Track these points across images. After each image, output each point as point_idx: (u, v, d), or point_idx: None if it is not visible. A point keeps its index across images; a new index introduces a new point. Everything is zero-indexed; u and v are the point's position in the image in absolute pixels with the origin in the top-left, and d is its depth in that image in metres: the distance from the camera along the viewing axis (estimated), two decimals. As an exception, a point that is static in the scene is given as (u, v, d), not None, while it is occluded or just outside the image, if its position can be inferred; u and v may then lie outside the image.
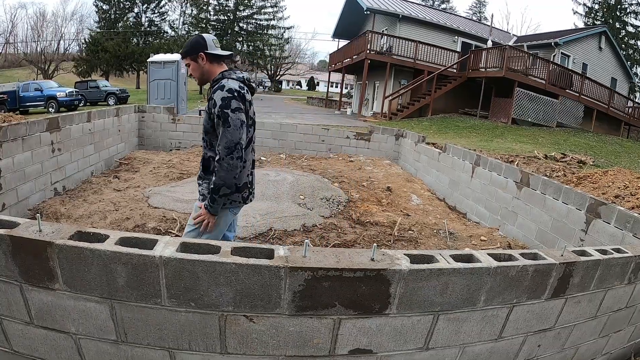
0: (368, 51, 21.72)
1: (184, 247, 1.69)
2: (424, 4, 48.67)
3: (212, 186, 2.53)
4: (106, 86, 31.90)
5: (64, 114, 6.77)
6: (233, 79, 2.62)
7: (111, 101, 29.34)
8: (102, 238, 1.74)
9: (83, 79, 38.72)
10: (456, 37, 24.40)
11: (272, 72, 57.96)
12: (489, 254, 1.98)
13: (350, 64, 25.17)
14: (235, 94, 2.51)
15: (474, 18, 53.29)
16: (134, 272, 1.66)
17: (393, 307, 1.77)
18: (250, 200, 2.86)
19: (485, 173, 6.52)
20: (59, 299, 1.76)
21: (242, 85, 2.62)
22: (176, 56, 14.37)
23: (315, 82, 75.79)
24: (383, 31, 24.07)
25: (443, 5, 57.11)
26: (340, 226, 5.43)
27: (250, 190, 2.81)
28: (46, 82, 29.82)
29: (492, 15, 27.46)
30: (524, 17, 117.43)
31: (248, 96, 2.65)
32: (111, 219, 5.05)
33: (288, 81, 74.52)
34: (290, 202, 5.96)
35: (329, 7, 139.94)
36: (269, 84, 61.40)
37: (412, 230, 5.45)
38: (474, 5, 63.01)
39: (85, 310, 1.76)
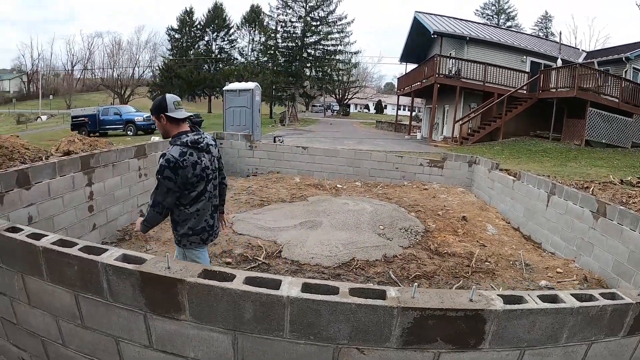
0: (437, 75, 21.74)
1: (306, 287, 1.94)
2: (489, 23, 48.11)
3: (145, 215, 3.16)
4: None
5: (149, 141, 7.35)
6: (178, 144, 2.99)
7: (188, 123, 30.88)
8: (228, 277, 1.98)
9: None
10: (525, 57, 23.84)
11: (340, 96, 58.92)
12: (571, 294, 2.13)
13: (420, 88, 25.21)
14: (171, 164, 2.92)
15: (541, 34, 51.85)
16: (261, 309, 1.88)
17: (486, 342, 1.97)
18: (211, 241, 3.36)
19: (561, 202, 6.41)
20: (182, 328, 1.98)
21: (184, 151, 2.97)
22: (251, 85, 15.22)
23: (383, 105, 76.18)
24: (450, 54, 24.02)
25: (508, 23, 56.03)
26: (419, 257, 5.56)
27: (210, 232, 3.29)
28: (124, 107, 31.97)
29: (560, 33, 26.77)
30: (592, 30, 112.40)
31: (191, 159, 3.00)
32: None
33: (356, 105, 75.41)
34: (371, 232, 6.18)
35: (393, 29, 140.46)
36: (337, 107, 62.49)
37: (489, 262, 5.51)
38: (540, 21, 61.24)
39: (208, 339, 1.97)
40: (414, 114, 30.56)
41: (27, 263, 2.21)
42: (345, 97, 60.79)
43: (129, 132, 26.98)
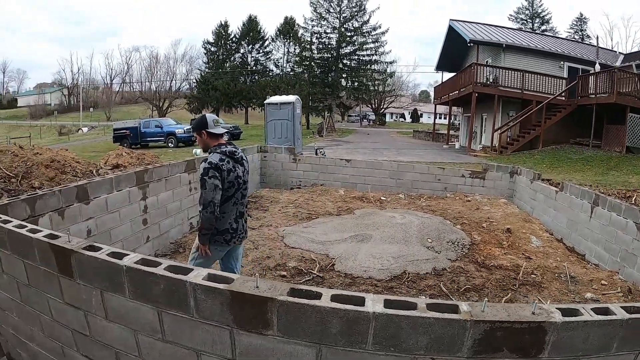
0: (475, 84, 21.77)
1: (388, 304, 2.14)
2: (524, 28, 47.44)
3: (198, 226, 3.64)
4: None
5: (196, 156, 7.65)
6: (217, 152, 3.53)
7: (225, 137, 31.49)
8: (314, 295, 2.13)
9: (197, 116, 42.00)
10: (562, 63, 23.59)
11: (376, 105, 59.08)
12: (621, 307, 2.28)
13: (457, 97, 25.23)
14: (213, 166, 3.43)
15: (576, 37, 50.76)
16: (347, 324, 2.04)
17: (546, 352, 2.18)
18: (234, 243, 3.76)
19: (605, 213, 6.41)
20: (268, 342, 2.13)
21: (223, 158, 3.50)
22: (291, 98, 15.63)
23: (419, 113, 75.94)
24: (487, 62, 24.00)
25: (543, 27, 55.05)
26: (467, 270, 5.73)
27: (233, 235, 3.71)
28: (165, 119, 32.89)
29: (597, 37, 26.40)
30: (628, 30, 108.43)
31: (228, 166, 3.52)
32: (252, 257, 5.71)
33: (391, 114, 75.46)
34: (419, 245, 6.41)
35: (427, 37, 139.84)
36: (373, 117, 62.64)
37: (535, 274, 5.65)
38: (575, 23, 59.79)
39: (293, 352, 2.12)
40: (451, 122, 30.44)
41: (107, 280, 2.42)
42: (381, 107, 60.87)
43: (170, 144, 27.72)
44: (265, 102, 16.09)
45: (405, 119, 77.39)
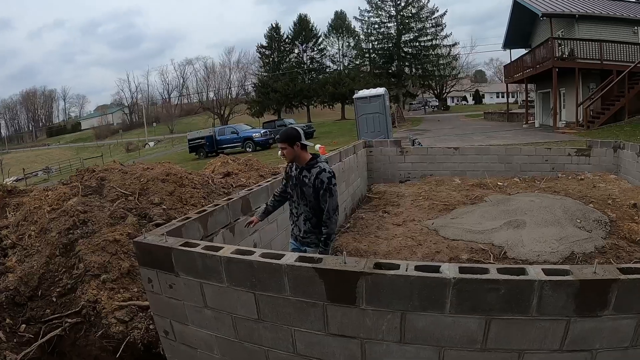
0: (555, 59, 21.37)
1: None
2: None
3: (324, 236, 3.71)
4: (291, 123, 34.79)
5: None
6: (323, 161, 3.76)
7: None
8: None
9: (270, 119, 42.91)
10: (636, 28, 22.61)
11: (439, 90, 58.28)
12: None
13: (534, 74, 24.67)
14: (333, 174, 3.71)
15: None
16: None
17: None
18: None
19: None
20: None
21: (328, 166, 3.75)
22: (380, 90, 15.85)
23: (481, 94, 74.31)
24: (560, 34, 23.32)
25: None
26: (621, 246, 5.84)
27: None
28: (239, 125, 33.64)
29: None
30: None
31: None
32: (422, 253, 5.85)
33: (452, 97, 74.09)
34: (572, 226, 6.52)
35: (481, 15, 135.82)
36: (435, 103, 61.77)
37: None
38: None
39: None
40: (526, 100, 29.67)
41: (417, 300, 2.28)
42: (444, 92, 59.90)
43: (248, 149, 28.36)
44: (354, 97, 16.41)
45: (467, 102, 75.73)
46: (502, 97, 70.22)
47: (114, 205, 5.87)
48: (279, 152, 4.10)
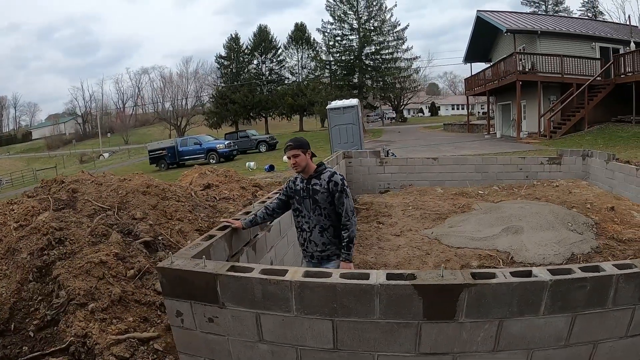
0: (519, 72, 22.20)
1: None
2: (538, 11, 47.43)
3: (347, 240, 3.48)
4: (254, 135, 34.41)
5: (254, 168, 7.55)
6: (331, 168, 3.62)
7: (263, 148, 31.47)
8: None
9: (232, 131, 42.28)
10: (594, 43, 23.88)
11: (396, 103, 59.03)
12: None
13: (496, 87, 25.47)
14: (343, 176, 3.59)
15: (589, 15, 50.62)
16: None
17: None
18: None
19: None
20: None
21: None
22: (354, 101, 15.80)
23: (437, 106, 75.77)
24: (522, 49, 24.20)
25: (556, 8, 54.83)
26: (612, 245, 6.05)
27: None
28: (202, 136, 32.85)
29: (629, 16, 26.46)
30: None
31: None
32: (433, 262, 5.79)
33: (409, 110, 75.26)
34: (565, 229, 6.64)
35: (433, 30, 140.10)
36: (392, 115, 62.52)
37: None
38: (587, 1, 59.36)
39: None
40: (481, 112, 30.52)
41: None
42: (401, 104, 60.74)
43: (211, 161, 27.38)
44: (327, 107, 16.23)
45: (423, 114, 77.19)
46: (458, 109, 72.57)
47: (94, 222, 5.26)
48: (285, 158, 3.83)
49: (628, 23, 25.45)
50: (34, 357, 3.68)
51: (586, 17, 32.97)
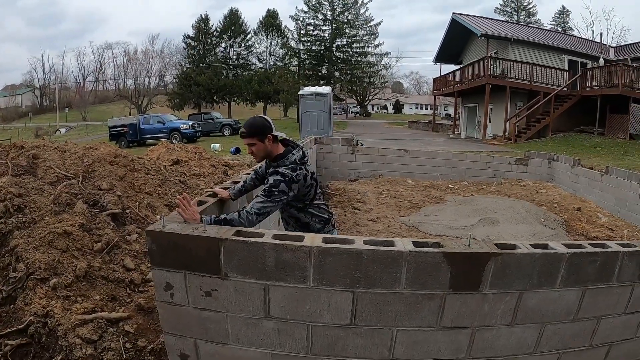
0: (489, 76, 22.67)
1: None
2: (510, 20, 48.61)
3: (226, 217, 2.61)
4: (219, 118, 33.68)
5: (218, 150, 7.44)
6: (287, 165, 2.87)
7: (227, 132, 30.86)
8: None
9: (195, 112, 41.21)
10: (563, 56, 24.69)
11: (362, 97, 59.12)
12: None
13: (464, 88, 25.87)
14: (290, 178, 2.80)
15: (559, 29, 52.33)
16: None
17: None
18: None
19: None
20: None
21: (294, 167, 2.87)
22: (327, 88, 15.67)
23: (401, 104, 76.41)
24: (494, 54, 24.67)
25: (528, 20, 56.46)
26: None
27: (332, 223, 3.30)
28: (166, 115, 31.77)
29: (601, 34, 27.61)
30: (609, 23, 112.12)
31: (302, 172, 2.89)
32: None
33: (373, 105, 75.51)
34: (538, 224, 6.81)
35: (400, 29, 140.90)
36: (356, 109, 62.52)
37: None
38: (557, 16, 61.49)
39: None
40: (444, 113, 31.01)
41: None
42: (367, 99, 60.87)
43: (174, 141, 26.60)
44: (299, 92, 16.03)
45: (387, 111, 77.69)
46: (421, 108, 73.63)
47: (57, 189, 4.83)
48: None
49: (599, 40, 26.39)
50: (-13, 339, 3.26)
51: (557, 31, 33.93)
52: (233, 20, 57.54)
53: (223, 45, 59.02)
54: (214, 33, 58.43)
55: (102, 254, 4.10)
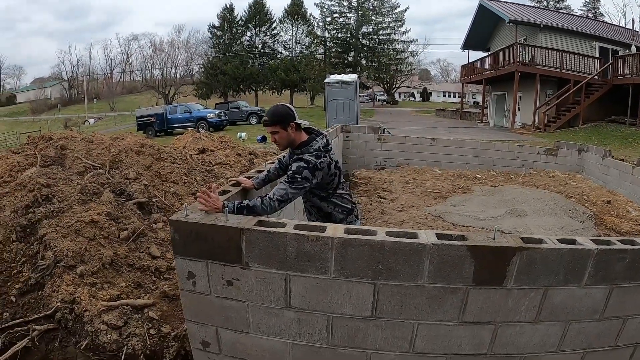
0: (518, 63, 22.01)
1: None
2: (539, 6, 47.22)
3: (249, 203, 2.57)
4: (245, 106, 33.80)
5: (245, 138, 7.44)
6: (311, 152, 2.84)
7: (253, 120, 30.90)
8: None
9: (222, 101, 41.47)
10: (594, 43, 23.82)
11: (389, 85, 58.55)
12: None
13: (494, 76, 25.26)
14: (313, 164, 2.77)
15: (590, 15, 50.66)
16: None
17: None
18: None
19: None
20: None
21: (318, 154, 2.84)
22: (353, 76, 15.54)
23: (428, 92, 75.42)
24: (523, 41, 23.99)
25: (558, 5, 54.70)
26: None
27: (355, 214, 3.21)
28: (192, 104, 31.99)
29: (632, 20, 26.51)
30: None
31: (325, 160, 2.85)
32: None
33: (400, 93, 74.64)
34: (567, 217, 6.64)
35: (423, 16, 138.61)
36: (383, 97, 61.94)
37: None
38: (588, 1, 59.39)
39: None
40: (473, 101, 30.44)
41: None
42: (394, 86, 60.15)
43: (200, 130, 27.13)
44: (325, 81, 15.96)
45: (414, 99, 76.70)
46: (449, 96, 72.31)
47: (84, 179, 4.93)
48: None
49: (631, 26, 25.39)
50: (15, 324, 3.37)
51: (587, 17, 32.82)
52: (258, 9, 57.48)
53: (248, 34, 59.07)
54: (239, 22, 58.50)
55: (128, 242, 4.18)
